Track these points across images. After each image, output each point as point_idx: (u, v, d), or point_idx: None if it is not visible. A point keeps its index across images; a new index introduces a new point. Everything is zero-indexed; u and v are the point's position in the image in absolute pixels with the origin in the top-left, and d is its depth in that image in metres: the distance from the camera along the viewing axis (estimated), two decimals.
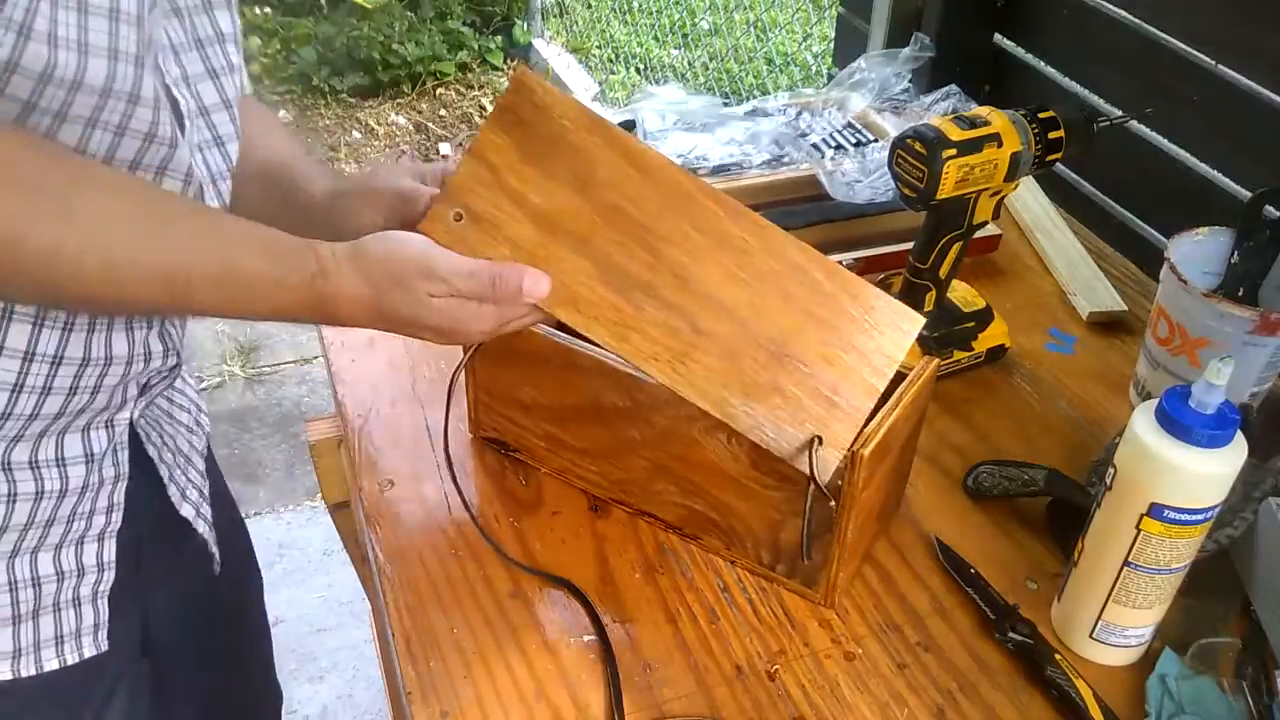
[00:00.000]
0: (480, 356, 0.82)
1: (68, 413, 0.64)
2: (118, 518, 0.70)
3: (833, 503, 0.71)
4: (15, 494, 0.64)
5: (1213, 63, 1.11)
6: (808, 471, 0.67)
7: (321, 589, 1.94)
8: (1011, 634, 0.74)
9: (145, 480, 0.73)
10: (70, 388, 0.63)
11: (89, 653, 0.70)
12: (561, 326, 0.71)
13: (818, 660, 0.74)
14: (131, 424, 0.70)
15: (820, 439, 0.67)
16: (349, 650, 1.85)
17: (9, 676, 0.67)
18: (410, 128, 3.37)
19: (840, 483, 0.69)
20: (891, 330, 0.69)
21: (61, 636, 0.69)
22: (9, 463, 0.63)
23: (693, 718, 0.69)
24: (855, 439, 0.68)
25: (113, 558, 0.71)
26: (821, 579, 0.76)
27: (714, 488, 0.77)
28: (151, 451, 0.73)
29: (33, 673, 0.68)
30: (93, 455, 0.67)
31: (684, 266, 0.68)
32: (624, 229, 0.68)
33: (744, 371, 0.68)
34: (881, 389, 0.68)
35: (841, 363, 0.68)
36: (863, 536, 0.77)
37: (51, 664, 0.68)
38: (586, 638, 0.74)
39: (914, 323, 0.69)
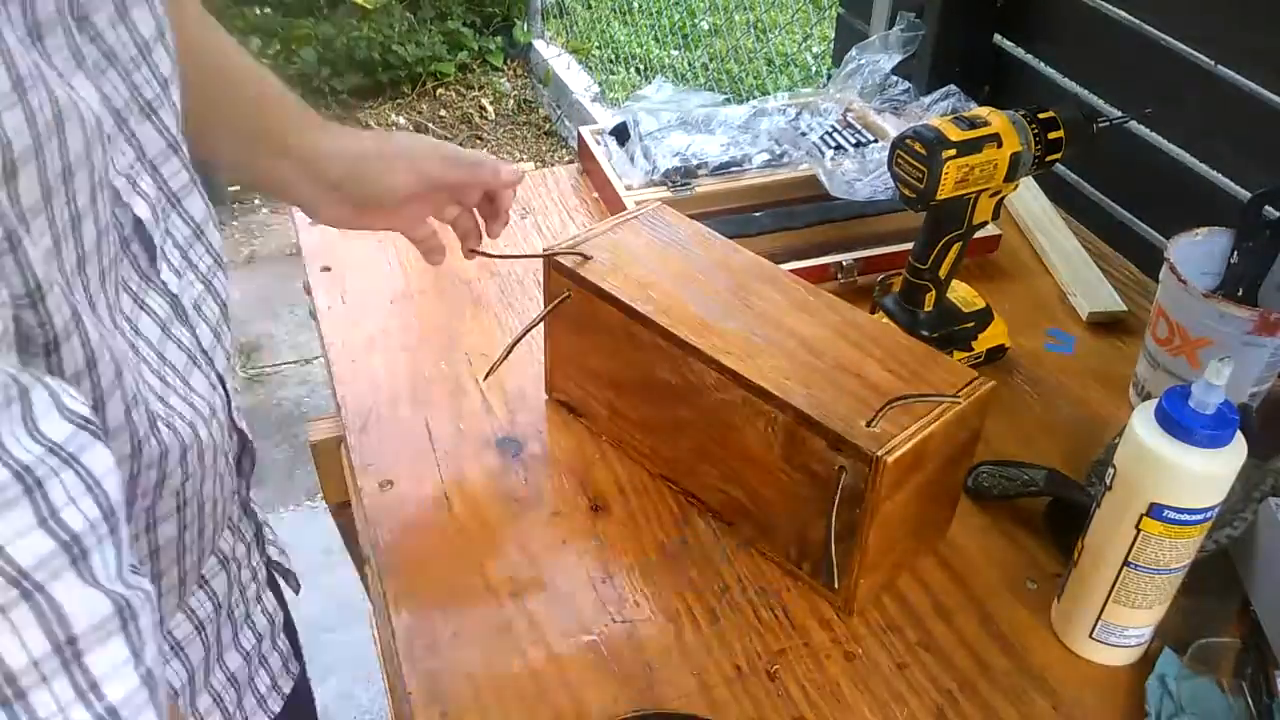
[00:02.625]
0: (557, 321, 0.88)
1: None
2: None
3: (857, 509, 0.71)
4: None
5: (1212, 63, 1.11)
6: (858, 444, 0.69)
7: (321, 589, 1.93)
8: None
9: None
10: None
11: None
12: (641, 319, 0.80)
13: (818, 660, 0.74)
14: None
15: (874, 420, 0.70)
16: (349, 650, 1.84)
17: None
18: (410, 128, 3.37)
19: (864, 487, 0.70)
20: (946, 373, 0.75)
21: None
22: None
23: (691, 715, 0.69)
24: (882, 445, 0.68)
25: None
26: (843, 584, 0.75)
27: (751, 476, 0.78)
28: None
29: None
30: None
31: (764, 308, 0.80)
32: (719, 283, 0.83)
33: (808, 369, 0.75)
34: (937, 408, 0.72)
35: (900, 380, 0.74)
36: (890, 549, 0.76)
37: None
38: (586, 638, 0.74)
39: (978, 379, 0.75)
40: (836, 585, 0.75)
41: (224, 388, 0.61)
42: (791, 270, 1.07)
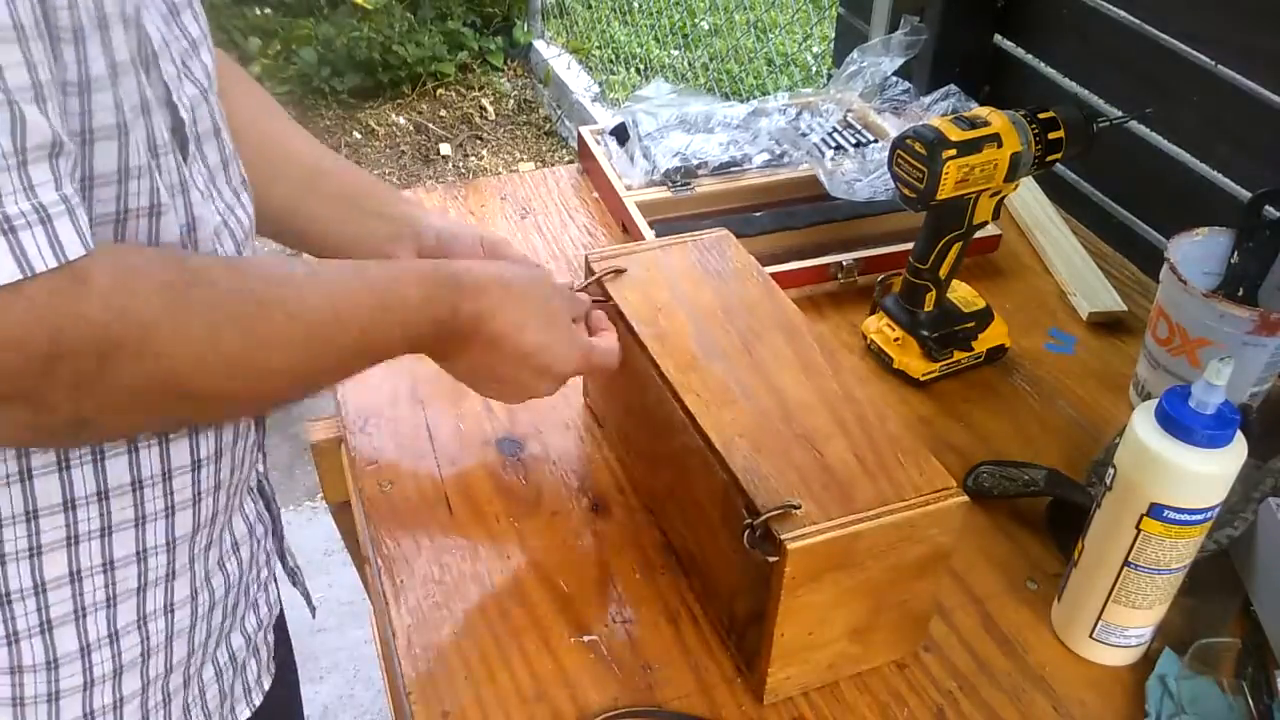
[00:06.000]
0: None
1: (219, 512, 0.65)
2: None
3: (766, 594, 0.65)
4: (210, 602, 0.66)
5: (1213, 63, 1.11)
6: (769, 523, 0.64)
7: (321, 589, 1.94)
8: None
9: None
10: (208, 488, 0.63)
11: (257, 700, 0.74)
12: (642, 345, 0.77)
13: None
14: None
15: (797, 507, 0.64)
16: (349, 650, 1.85)
17: None
18: (410, 128, 3.37)
19: (769, 572, 0.64)
20: (918, 474, 0.67)
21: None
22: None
23: (690, 716, 0.69)
24: (793, 530, 0.63)
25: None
26: (755, 669, 0.70)
27: (701, 530, 0.74)
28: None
29: None
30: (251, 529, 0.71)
31: (763, 359, 0.76)
32: (736, 323, 0.79)
33: (767, 432, 0.70)
34: (880, 507, 0.65)
35: (860, 468, 0.68)
36: (814, 647, 0.69)
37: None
38: (586, 638, 0.74)
39: (950, 490, 0.67)
40: (753, 667, 0.70)
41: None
42: (791, 270, 1.07)
